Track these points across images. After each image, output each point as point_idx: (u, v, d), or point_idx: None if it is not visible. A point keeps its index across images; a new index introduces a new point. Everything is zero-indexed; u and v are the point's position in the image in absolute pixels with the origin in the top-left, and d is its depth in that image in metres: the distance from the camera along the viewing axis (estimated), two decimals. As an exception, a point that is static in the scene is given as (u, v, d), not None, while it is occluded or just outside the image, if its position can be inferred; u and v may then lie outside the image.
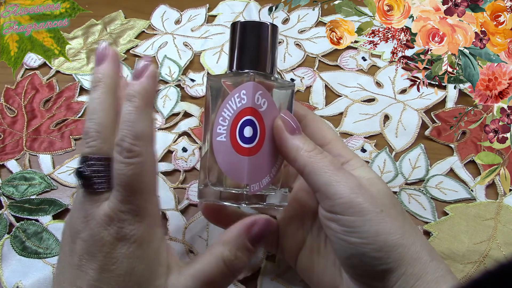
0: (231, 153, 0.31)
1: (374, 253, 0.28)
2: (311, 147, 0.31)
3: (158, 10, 0.56)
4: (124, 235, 0.28)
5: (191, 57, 0.52)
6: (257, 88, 0.31)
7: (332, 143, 0.34)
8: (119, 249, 0.28)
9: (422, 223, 0.41)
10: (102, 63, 0.31)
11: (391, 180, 0.43)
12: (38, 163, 0.45)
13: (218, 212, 0.36)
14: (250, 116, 0.31)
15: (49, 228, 0.41)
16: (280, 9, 0.53)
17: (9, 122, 0.48)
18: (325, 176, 0.30)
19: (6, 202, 0.42)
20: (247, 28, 0.33)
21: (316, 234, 0.35)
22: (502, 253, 0.39)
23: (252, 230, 0.30)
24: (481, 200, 0.42)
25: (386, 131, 0.46)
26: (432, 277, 0.28)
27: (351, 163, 0.33)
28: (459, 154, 0.45)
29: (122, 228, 0.28)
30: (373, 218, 0.29)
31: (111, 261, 0.28)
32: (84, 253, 0.28)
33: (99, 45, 0.31)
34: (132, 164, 0.28)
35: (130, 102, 0.29)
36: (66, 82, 0.50)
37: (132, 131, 0.28)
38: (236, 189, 0.31)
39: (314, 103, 0.48)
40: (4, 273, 0.39)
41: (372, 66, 0.51)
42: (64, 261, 0.29)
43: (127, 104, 0.29)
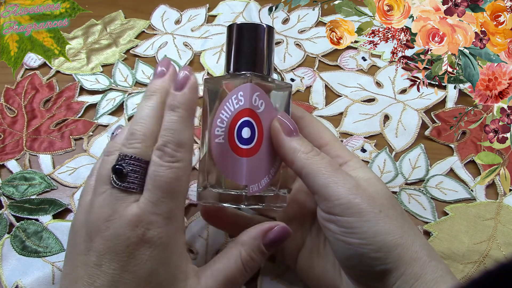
0: (229, 154, 0.31)
1: (373, 253, 0.28)
2: (308, 148, 0.31)
3: (158, 10, 0.57)
4: (151, 237, 0.28)
5: (191, 57, 0.52)
6: (255, 90, 0.31)
7: (330, 144, 0.34)
8: (144, 251, 0.28)
9: (422, 223, 0.41)
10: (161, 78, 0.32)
11: (391, 180, 0.43)
12: (38, 163, 0.45)
13: (217, 214, 0.36)
14: (248, 118, 0.31)
15: (49, 228, 0.41)
16: (280, 9, 0.53)
17: (9, 122, 0.48)
18: (323, 177, 0.30)
19: (6, 202, 0.42)
20: (244, 30, 0.34)
21: (315, 235, 0.35)
22: (502, 253, 0.39)
23: (268, 235, 0.31)
24: (481, 200, 0.42)
25: (386, 131, 0.46)
26: (431, 277, 0.28)
27: (349, 164, 0.33)
28: (459, 154, 0.45)
29: (149, 230, 0.28)
30: (371, 218, 0.29)
31: (134, 262, 0.28)
32: (106, 252, 0.27)
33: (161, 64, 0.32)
34: (173, 168, 0.29)
35: (174, 112, 0.30)
36: (66, 82, 0.50)
37: (175, 139, 0.29)
38: (235, 191, 0.31)
39: (314, 103, 0.48)
40: (4, 272, 0.39)
41: (372, 66, 0.51)
42: (77, 259, 0.29)
43: (171, 113, 0.30)
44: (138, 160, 0.29)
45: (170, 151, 0.29)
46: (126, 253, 0.27)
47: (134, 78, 0.51)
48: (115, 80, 0.50)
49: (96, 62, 0.52)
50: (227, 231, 0.40)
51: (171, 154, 0.29)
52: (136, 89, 0.50)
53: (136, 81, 0.50)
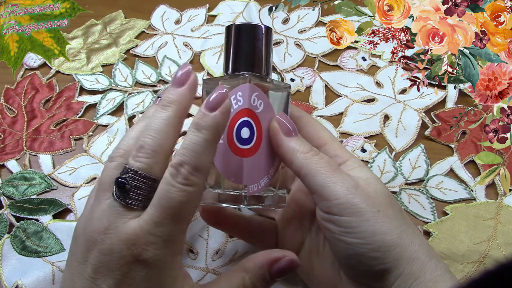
0: (228, 154, 0.31)
1: (371, 253, 0.28)
2: (307, 148, 0.31)
3: (158, 10, 0.57)
4: (147, 258, 0.27)
5: (191, 57, 0.52)
6: (253, 90, 0.31)
7: (328, 144, 0.34)
8: (139, 271, 0.27)
9: (422, 223, 0.41)
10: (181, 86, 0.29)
11: (391, 180, 0.43)
12: (38, 163, 0.45)
13: (217, 215, 0.36)
14: (247, 118, 0.31)
15: (49, 228, 0.41)
16: (280, 9, 0.53)
17: (9, 122, 0.48)
18: (321, 177, 0.30)
19: (6, 202, 0.42)
20: (242, 30, 0.34)
21: (314, 235, 0.35)
22: (502, 253, 0.39)
23: (275, 266, 0.30)
24: (481, 200, 0.42)
25: (386, 131, 0.46)
26: (430, 276, 0.28)
27: (348, 163, 0.32)
28: (459, 154, 0.45)
29: (146, 251, 0.27)
30: (370, 218, 0.29)
31: (128, 281, 0.27)
32: (100, 266, 0.27)
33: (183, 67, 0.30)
34: (184, 191, 0.27)
35: (200, 133, 0.28)
36: (66, 82, 0.51)
37: (194, 161, 0.27)
38: (235, 191, 0.31)
39: (314, 103, 0.48)
40: (4, 272, 0.39)
41: (372, 66, 0.51)
42: (75, 268, 0.28)
43: (196, 133, 0.28)
44: (144, 177, 0.27)
45: (185, 172, 0.27)
46: (121, 271, 0.27)
47: (134, 78, 0.51)
48: (115, 80, 0.50)
49: (96, 62, 0.52)
50: (226, 231, 0.40)
51: (186, 176, 0.27)
52: (136, 89, 0.50)
53: (136, 81, 0.50)
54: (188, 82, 0.29)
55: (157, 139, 0.28)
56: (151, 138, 0.28)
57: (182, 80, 0.29)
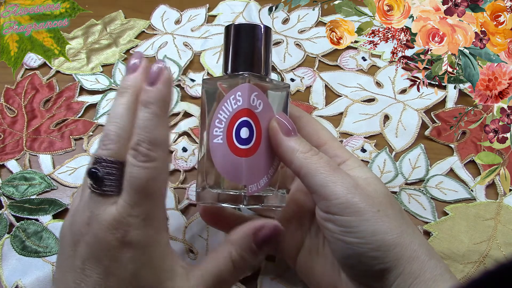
0: (228, 154, 0.31)
1: (371, 252, 0.28)
2: (306, 148, 0.31)
3: (158, 10, 0.57)
4: (130, 239, 0.27)
5: (191, 57, 0.52)
6: (253, 90, 0.31)
7: (328, 144, 0.34)
8: (125, 254, 0.27)
9: (422, 223, 0.41)
10: (133, 73, 0.30)
11: (391, 180, 0.43)
12: (38, 163, 0.45)
13: (216, 215, 0.36)
14: (246, 117, 0.31)
15: (49, 228, 0.41)
16: (280, 9, 0.53)
17: (9, 122, 0.48)
18: (321, 177, 0.30)
19: (6, 202, 0.42)
20: (241, 30, 0.34)
21: (314, 234, 0.35)
22: (502, 253, 0.39)
23: (259, 234, 0.30)
24: (481, 200, 0.42)
25: (386, 131, 0.46)
26: (430, 276, 0.28)
27: (348, 163, 0.32)
28: (459, 154, 0.45)
29: (128, 232, 0.27)
30: (370, 218, 0.29)
31: (116, 265, 0.27)
32: (89, 257, 0.27)
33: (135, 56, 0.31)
34: (147, 168, 0.28)
35: (148, 109, 0.29)
36: (66, 82, 0.51)
37: (149, 137, 0.28)
38: (234, 191, 0.31)
39: (314, 103, 0.48)
40: (4, 272, 0.39)
41: (372, 66, 0.51)
42: (65, 264, 0.29)
43: (144, 110, 0.29)
44: (113, 162, 0.28)
45: (144, 150, 0.28)
46: (108, 257, 0.27)
47: (134, 78, 0.50)
48: (115, 80, 0.50)
49: (96, 62, 0.52)
50: (226, 231, 0.40)
51: (145, 153, 0.28)
52: (136, 89, 0.50)
53: (136, 81, 0.50)
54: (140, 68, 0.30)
55: (119, 124, 0.29)
56: (114, 124, 0.29)
57: (135, 67, 0.31)
